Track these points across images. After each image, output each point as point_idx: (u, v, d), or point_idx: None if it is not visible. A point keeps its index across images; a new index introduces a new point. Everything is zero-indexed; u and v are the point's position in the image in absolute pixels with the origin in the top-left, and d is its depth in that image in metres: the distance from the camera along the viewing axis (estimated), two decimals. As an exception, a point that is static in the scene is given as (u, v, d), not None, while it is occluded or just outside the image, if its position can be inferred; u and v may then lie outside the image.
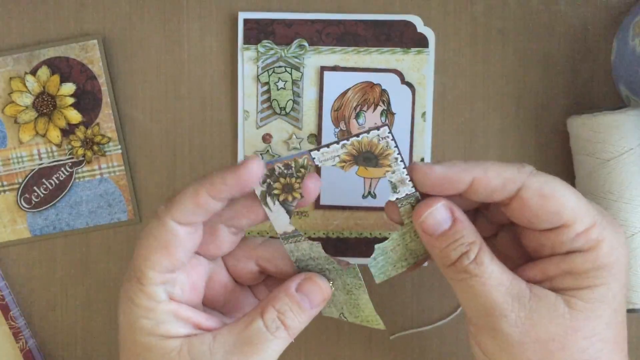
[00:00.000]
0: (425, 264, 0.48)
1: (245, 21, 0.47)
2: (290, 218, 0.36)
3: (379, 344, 0.49)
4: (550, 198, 0.34)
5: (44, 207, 0.48)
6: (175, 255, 0.36)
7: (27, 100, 0.47)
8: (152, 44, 0.48)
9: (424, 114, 0.48)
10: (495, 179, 0.35)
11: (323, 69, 0.47)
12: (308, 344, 0.49)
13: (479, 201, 0.37)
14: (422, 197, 0.37)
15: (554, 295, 0.35)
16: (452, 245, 0.35)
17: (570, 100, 0.48)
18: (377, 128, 0.35)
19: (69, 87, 0.47)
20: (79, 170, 0.48)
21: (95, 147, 0.48)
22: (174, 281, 0.37)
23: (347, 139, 0.35)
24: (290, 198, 0.36)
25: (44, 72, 0.47)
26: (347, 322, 0.40)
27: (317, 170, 0.47)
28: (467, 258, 0.35)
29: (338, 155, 0.35)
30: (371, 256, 0.38)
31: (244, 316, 0.37)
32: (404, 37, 0.47)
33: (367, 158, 0.36)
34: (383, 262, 0.38)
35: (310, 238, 0.41)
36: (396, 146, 0.36)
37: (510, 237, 0.40)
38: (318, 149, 0.35)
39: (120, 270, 0.49)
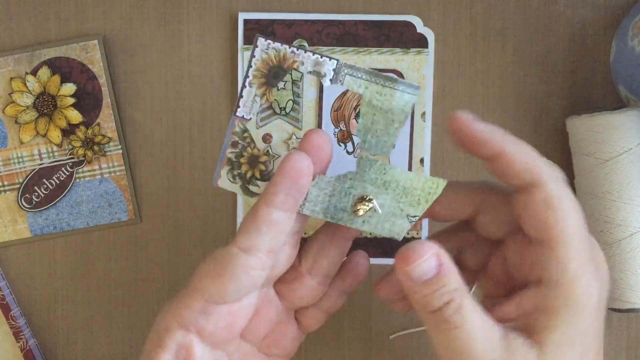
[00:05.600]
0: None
1: (246, 21, 0.47)
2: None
3: (379, 344, 0.49)
4: (554, 211, 0.32)
5: (44, 207, 0.48)
6: (227, 284, 0.34)
7: (28, 100, 0.47)
8: (153, 44, 0.48)
9: (423, 114, 0.48)
10: (521, 162, 0.33)
11: (323, 69, 0.47)
12: (308, 344, 0.49)
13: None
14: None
15: (528, 344, 0.33)
16: (436, 293, 0.33)
17: (570, 101, 0.48)
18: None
19: (69, 87, 0.47)
20: (80, 170, 0.48)
21: (96, 147, 0.48)
22: (209, 312, 0.35)
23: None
24: (257, 173, 0.36)
25: (44, 72, 0.47)
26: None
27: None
28: (450, 307, 0.32)
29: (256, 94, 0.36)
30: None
31: None
32: (403, 38, 0.47)
33: (277, 73, 0.35)
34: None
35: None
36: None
37: (502, 264, 0.38)
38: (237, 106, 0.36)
39: (121, 270, 0.49)
